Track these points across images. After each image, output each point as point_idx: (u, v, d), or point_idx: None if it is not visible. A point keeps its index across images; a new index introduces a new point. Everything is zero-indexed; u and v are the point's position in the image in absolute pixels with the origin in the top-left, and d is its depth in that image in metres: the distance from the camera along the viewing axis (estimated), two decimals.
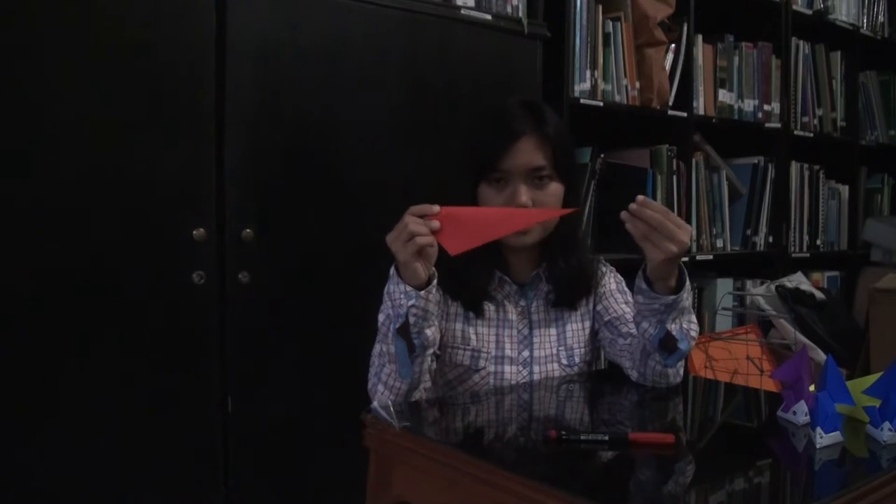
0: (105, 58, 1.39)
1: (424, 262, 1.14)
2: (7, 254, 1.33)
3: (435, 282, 1.17)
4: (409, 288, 1.14)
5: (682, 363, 1.27)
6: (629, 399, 1.24)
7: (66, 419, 1.39)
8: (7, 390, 1.34)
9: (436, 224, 1.12)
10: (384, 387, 1.21)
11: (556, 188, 1.29)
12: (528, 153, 1.26)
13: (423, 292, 1.14)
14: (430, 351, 1.22)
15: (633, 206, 1.10)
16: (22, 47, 1.32)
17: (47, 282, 1.36)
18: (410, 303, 1.14)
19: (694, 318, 1.25)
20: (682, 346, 1.20)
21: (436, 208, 1.13)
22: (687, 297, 1.19)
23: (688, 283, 1.19)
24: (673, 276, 1.17)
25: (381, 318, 1.22)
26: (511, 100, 1.33)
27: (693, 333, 1.23)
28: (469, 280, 1.30)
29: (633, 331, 1.29)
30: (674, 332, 1.19)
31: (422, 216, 1.12)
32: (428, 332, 1.18)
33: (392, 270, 1.18)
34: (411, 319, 1.15)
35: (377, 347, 1.24)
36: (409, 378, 1.20)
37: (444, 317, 1.32)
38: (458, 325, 1.32)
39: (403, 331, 1.16)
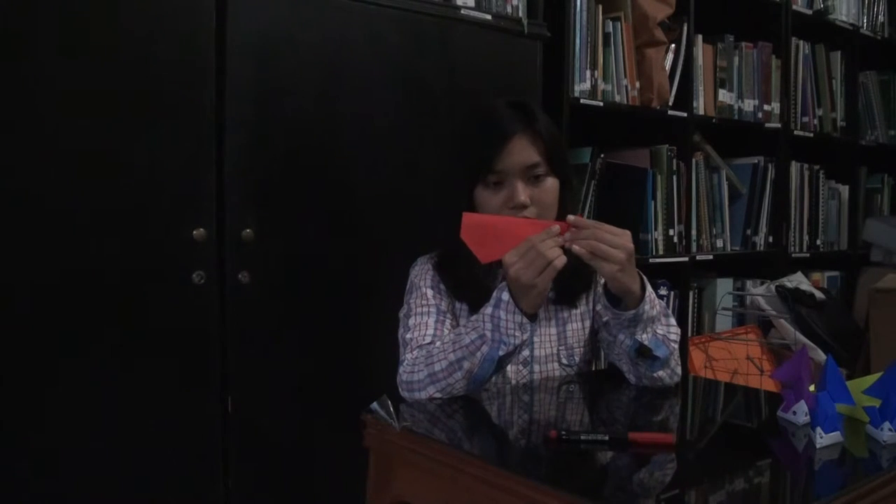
0: (105, 57, 1.39)
1: None
2: (6, 253, 1.33)
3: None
4: (524, 319, 1.14)
5: (677, 364, 1.27)
6: (629, 399, 1.24)
7: (65, 419, 1.39)
8: (7, 390, 1.34)
9: (563, 240, 1.13)
10: (436, 389, 1.19)
11: (552, 184, 1.30)
12: (522, 151, 1.26)
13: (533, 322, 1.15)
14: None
15: (570, 218, 1.14)
16: (21, 46, 1.32)
17: (47, 281, 1.36)
18: (526, 335, 1.15)
19: (672, 321, 1.25)
20: (659, 353, 1.21)
21: (555, 227, 1.14)
22: (651, 308, 1.19)
23: (649, 292, 1.19)
24: (635, 284, 1.17)
25: (472, 335, 1.17)
26: (498, 101, 1.33)
27: (673, 337, 1.23)
28: (474, 282, 1.30)
29: None
30: (646, 342, 1.20)
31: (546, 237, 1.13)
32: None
33: (504, 296, 1.15)
34: (520, 347, 1.16)
35: (452, 356, 1.18)
36: (469, 390, 1.19)
37: (455, 317, 1.33)
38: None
39: (505, 357, 1.17)
